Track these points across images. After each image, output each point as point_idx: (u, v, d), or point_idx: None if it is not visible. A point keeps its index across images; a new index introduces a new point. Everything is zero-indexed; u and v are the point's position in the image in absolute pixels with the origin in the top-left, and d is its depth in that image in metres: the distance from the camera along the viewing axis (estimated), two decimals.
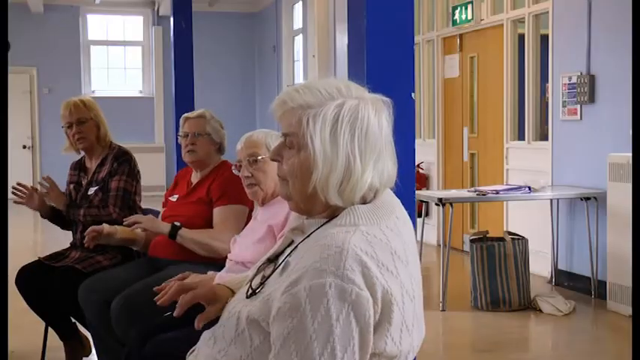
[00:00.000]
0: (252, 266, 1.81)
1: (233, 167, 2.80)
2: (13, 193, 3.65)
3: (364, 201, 1.55)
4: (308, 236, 1.57)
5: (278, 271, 1.57)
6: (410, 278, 1.51)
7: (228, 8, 13.75)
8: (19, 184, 3.73)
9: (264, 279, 1.60)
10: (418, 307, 1.55)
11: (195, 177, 3.53)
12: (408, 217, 1.65)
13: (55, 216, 3.85)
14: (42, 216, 3.83)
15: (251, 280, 1.65)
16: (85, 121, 3.74)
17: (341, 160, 1.49)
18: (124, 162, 3.75)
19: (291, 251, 1.60)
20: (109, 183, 3.69)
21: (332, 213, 1.56)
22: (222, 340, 1.61)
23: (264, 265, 1.68)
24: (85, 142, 3.76)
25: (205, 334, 1.72)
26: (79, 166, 3.91)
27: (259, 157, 2.69)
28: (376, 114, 1.54)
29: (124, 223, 3.23)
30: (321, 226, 1.56)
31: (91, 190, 3.72)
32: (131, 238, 3.48)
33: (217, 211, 3.30)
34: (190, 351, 1.79)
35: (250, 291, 1.61)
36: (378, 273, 1.43)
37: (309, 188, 1.52)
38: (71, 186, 3.86)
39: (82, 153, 3.89)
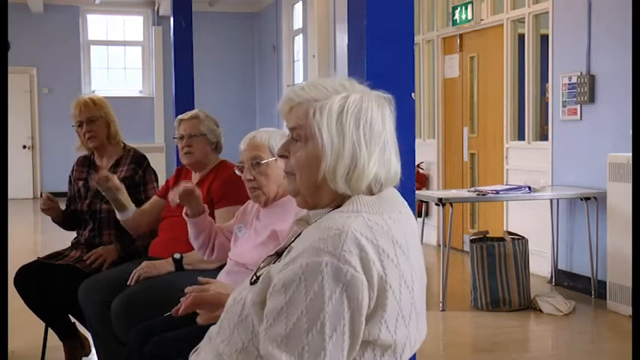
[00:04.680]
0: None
1: (236, 168, 2.75)
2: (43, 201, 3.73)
3: (370, 193, 1.59)
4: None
5: (282, 257, 1.59)
6: (410, 270, 1.53)
7: (228, 8, 13.75)
8: (48, 197, 3.72)
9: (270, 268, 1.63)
10: (418, 301, 1.57)
11: (195, 177, 3.53)
12: (413, 216, 1.68)
13: (63, 221, 3.86)
14: (53, 220, 3.85)
15: (257, 270, 1.68)
16: (95, 120, 3.74)
17: (347, 148, 1.54)
18: (147, 168, 3.79)
19: (295, 238, 1.62)
20: (143, 192, 3.71)
21: (338, 205, 1.59)
22: (227, 328, 1.62)
23: (271, 258, 1.70)
24: (96, 141, 3.75)
25: (210, 330, 1.73)
26: (87, 163, 3.88)
27: (262, 162, 2.63)
28: (379, 108, 1.59)
29: (128, 283, 3.20)
30: (325, 214, 1.59)
31: None
32: (124, 205, 3.46)
33: (219, 214, 3.29)
34: (194, 350, 1.79)
35: (254, 277, 1.63)
36: (377, 258, 1.46)
37: (318, 178, 1.56)
38: (80, 183, 3.83)
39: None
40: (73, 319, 3.79)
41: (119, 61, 14.02)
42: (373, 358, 1.50)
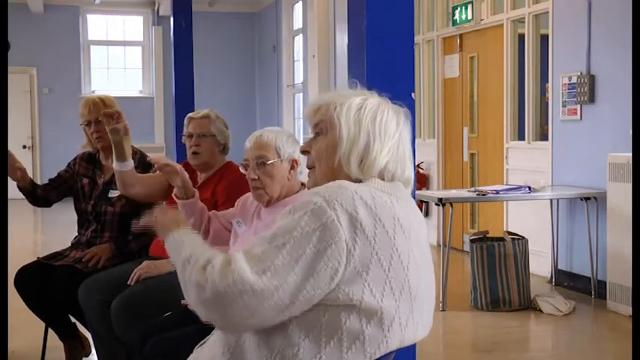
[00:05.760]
0: None
1: (240, 165, 2.73)
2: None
3: (382, 179, 1.70)
4: None
5: None
6: (408, 251, 1.61)
7: (228, 8, 13.75)
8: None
9: None
10: (414, 282, 1.62)
11: (200, 178, 3.51)
12: (422, 217, 1.78)
13: (29, 191, 3.85)
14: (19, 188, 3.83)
15: None
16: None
17: (362, 137, 1.69)
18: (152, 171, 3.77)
19: None
20: None
21: None
22: None
23: None
24: (104, 141, 3.69)
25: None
26: (92, 161, 3.86)
27: (268, 162, 2.59)
28: (395, 113, 1.75)
29: (128, 282, 3.18)
30: None
31: (112, 193, 3.68)
32: (124, 154, 3.36)
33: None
34: (200, 344, 1.82)
35: None
36: (369, 223, 1.55)
37: (334, 164, 1.70)
38: (84, 180, 3.81)
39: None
40: (73, 320, 3.78)
41: (119, 61, 14.02)
42: (359, 324, 1.55)
